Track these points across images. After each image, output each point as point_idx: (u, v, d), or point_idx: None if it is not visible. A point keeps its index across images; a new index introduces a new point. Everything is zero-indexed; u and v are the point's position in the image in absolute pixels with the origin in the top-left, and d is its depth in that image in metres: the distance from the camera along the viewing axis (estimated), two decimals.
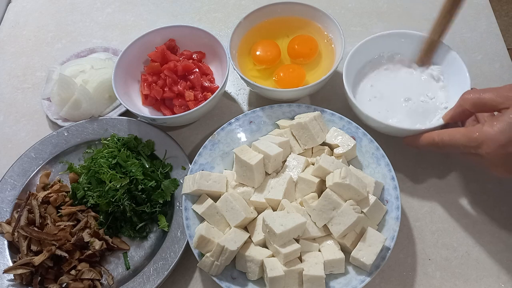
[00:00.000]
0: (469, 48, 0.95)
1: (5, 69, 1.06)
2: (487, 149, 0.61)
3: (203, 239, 0.68)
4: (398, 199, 0.70)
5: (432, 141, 0.69)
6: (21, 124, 0.97)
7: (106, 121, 0.88)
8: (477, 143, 0.62)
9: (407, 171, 0.81)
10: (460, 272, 0.73)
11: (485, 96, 0.64)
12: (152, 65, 0.88)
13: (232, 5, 1.10)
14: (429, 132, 0.70)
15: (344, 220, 0.66)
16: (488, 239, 0.75)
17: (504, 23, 2.10)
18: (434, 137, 0.69)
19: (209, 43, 0.89)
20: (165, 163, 0.83)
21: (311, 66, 0.88)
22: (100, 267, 0.77)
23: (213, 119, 0.91)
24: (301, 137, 0.76)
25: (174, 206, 0.79)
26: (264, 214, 0.67)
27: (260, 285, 0.68)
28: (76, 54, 1.00)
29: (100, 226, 0.78)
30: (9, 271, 0.74)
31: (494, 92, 0.63)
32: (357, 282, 0.66)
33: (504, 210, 0.77)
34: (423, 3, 1.03)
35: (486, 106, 0.64)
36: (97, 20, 1.11)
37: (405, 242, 0.76)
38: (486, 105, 0.64)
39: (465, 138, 0.64)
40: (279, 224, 0.64)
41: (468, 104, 0.66)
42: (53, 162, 0.86)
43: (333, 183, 0.66)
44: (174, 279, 0.76)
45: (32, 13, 1.15)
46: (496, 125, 0.60)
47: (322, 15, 0.87)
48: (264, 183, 0.73)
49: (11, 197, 0.82)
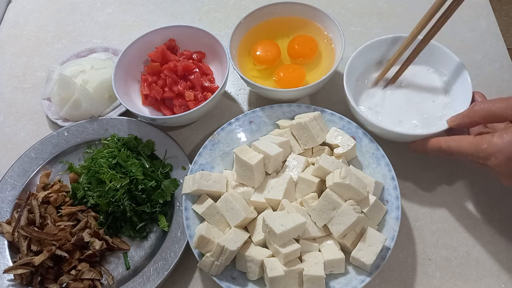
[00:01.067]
0: (469, 48, 0.95)
1: (5, 69, 1.06)
2: (495, 161, 0.61)
3: (203, 239, 0.68)
4: (398, 199, 0.70)
5: (440, 148, 0.69)
6: (21, 124, 0.97)
7: (106, 121, 0.88)
8: (485, 154, 0.62)
9: (407, 171, 0.81)
10: (460, 272, 0.73)
11: (495, 109, 0.63)
12: (152, 65, 0.88)
13: (232, 5, 1.10)
14: (437, 138, 0.70)
15: (344, 220, 0.66)
16: (488, 239, 0.75)
17: (504, 23, 2.10)
18: (442, 144, 0.68)
19: (209, 43, 0.89)
20: (165, 163, 0.83)
21: (311, 66, 0.88)
22: (100, 267, 0.77)
23: (213, 119, 0.91)
24: (301, 137, 0.76)
25: (174, 206, 0.79)
26: (264, 214, 0.67)
27: (260, 285, 0.68)
28: (76, 54, 1.00)
29: (100, 226, 0.78)
30: (9, 271, 0.74)
31: (504, 103, 0.63)
32: (357, 282, 0.66)
33: (504, 210, 0.77)
34: (423, 3, 1.03)
35: (496, 117, 0.64)
36: (97, 20, 1.11)
37: (405, 242, 0.76)
38: (496, 116, 0.64)
39: (473, 148, 0.63)
40: (279, 224, 0.64)
41: (478, 117, 0.66)
42: (53, 162, 0.86)
43: (333, 183, 0.66)
44: (174, 279, 0.76)
45: (32, 13, 1.15)
46: (506, 137, 0.60)
47: (322, 15, 0.87)
48: (264, 183, 0.73)
49: (11, 197, 0.82)
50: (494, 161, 0.61)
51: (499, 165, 0.61)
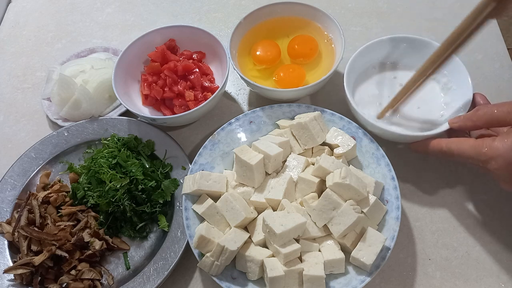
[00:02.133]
0: (469, 48, 0.93)
1: (5, 69, 1.06)
2: (495, 165, 0.61)
3: (203, 239, 0.68)
4: (398, 199, 0.70)
5: (440, 149, 0.69)
6: (21, 124, 0.97)
7: (106, 121, 0.88)
8: (486, 158, 0.62)
9: (407, 171, 0.81)
10: (460, 272, 0.73)
11: (498, 114, 0.63)
12: (152, 65, 0.88)
13: (232, 5, 1.10)
14: (438, 140, 0.70)
15: (344, 220, 0.66)
16: (488, 239, 0.75)
17: (504, 23, 2.09)
18: (442, 146, 0.68)
19: (209, 43, 0.89)
20: (165, 163, 0.83)
21: (311, 66, 0.88)
22: (100, 267, 0.77)
23: (213, 119, 0.91)
24: (301, 137, 0.76)
25: (174, 206, 0.79)
26: (264, 214, 0.67)
27: (260, 285, 0.68)
28: (76, 54, 1.00)
29: (100, 226, 0.78)
30: (9, 271, 0.74)
31: (507, 107, 0.63)
32: (357, 282, 0.66)
33: (504, 210, 0.77)
34: (423, 3, 1.03)
35: (499, 122, 0.64)
36: (97, 20, 1.11)
37: (405, 242, 0.76)
38: (499, 121, 0.64)
39: (474, 151, 0.63)
40: (279, 224, 0.64)
41: (481, 122, 0.66)
42: (53, 162, 0.86)
43: (333, 183, 0.66)
44: (174, 279, 0.76)
45: (32, 13, 1.15)
46: (507, 142, 0.60)
47: (322, 15, 0.87)
48: (264, 183, 0.73)
49: (11, 197, 0.82)
50: (494, 165, 0.61)
51: (499, 169, 0.61)
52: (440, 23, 0.99)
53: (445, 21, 0.99)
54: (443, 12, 1.00)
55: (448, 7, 1.01)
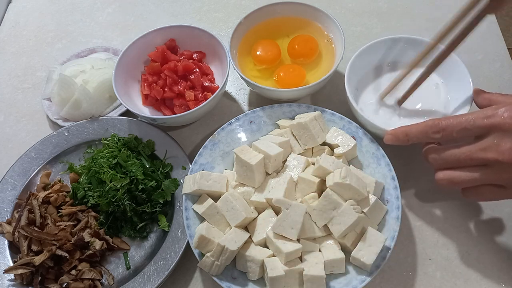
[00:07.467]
0: (469, 48, 0.95)
1: (5, 69, 1.06)
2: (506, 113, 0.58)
3: (204, 239, 0.68)
4: (398, 199, 0.70)
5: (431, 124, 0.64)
6: (22, 124, 0.97)
7: (106, 121, 0.88)
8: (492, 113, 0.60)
9: (408, 171, 0.81)
10: (460, 272, 0.73)
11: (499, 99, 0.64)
12: (152, 65, 0.88)
13: (232, 5, 1.10)
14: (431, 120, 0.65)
15: (345, 220, 0.66)
16: (488, 239, 0.75)
17: (504, 23, 2.10)
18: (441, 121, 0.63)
19: (210, 43, 0.89)
20: (166, 163, 0.83)
21: (311, 66, 0.88)
22: (101, 267, 0.77)
23: (213, 119, 0.91)
24: (301, 137, 0.76)
25: (174, 206, 0.79)
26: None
27: (261, 285, 0.68)
28: (76, 54, 1.00)
29: (101, 226, 0.78)
30: (10, 271, 0.74)
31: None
32: (357, 282, 0.66)
33: (504, 210, 0.77)
34: (423, 3, 1.03)
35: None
36: (97, 20, 1.11)
37: (405, 242, 0.76)
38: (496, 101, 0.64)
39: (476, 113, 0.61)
40: None
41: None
42: (53, 162, 0.86)
43: (333, 183, 0.66)
44: (174, 279, 0.76)
45: (32, 13, 1.15)
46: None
47: (322, 15, 0.87)
48: (265, 183, 0.73)
49: (11, 197, 0.83)
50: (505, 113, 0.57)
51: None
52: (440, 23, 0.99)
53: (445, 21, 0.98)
54: (443, 12, 1.00)
55: (448, 7, 1.01)
